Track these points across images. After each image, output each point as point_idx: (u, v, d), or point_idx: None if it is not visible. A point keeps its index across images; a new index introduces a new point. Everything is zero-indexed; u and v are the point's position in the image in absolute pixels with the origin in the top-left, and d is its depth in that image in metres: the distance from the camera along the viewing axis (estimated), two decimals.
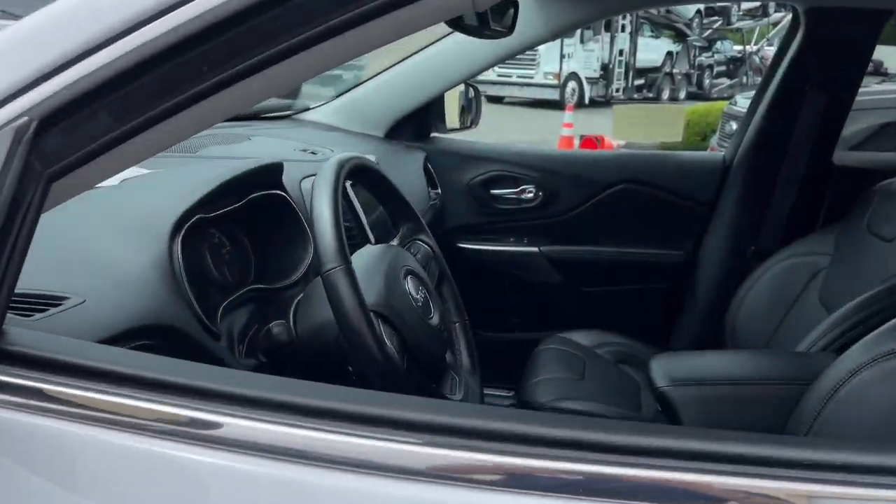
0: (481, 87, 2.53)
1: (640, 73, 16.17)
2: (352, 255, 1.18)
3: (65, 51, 0.65)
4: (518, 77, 14.20)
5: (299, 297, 1.13)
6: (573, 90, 14.58)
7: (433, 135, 2.42)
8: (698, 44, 17.14)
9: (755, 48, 17.46)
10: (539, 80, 14.36)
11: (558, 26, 2.12)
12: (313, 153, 1.80)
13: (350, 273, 0.96)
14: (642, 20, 16.00)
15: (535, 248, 2.38)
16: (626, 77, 15.89)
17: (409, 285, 1.13)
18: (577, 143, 8.32)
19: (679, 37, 17.11)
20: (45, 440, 0.66)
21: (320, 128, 2.27)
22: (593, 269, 2.37)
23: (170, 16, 0.63)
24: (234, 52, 0.63)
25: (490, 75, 14.04)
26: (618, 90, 15.74)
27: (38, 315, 0.82)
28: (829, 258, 1.83)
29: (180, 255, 1.00)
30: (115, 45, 0.64)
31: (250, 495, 0.64)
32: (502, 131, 9.04)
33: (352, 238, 1.56)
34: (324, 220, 0.99)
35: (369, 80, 2.33)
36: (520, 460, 0.61)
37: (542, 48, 13.86)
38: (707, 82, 17.37)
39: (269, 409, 0.64)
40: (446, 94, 2.34)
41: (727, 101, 7.38)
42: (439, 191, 2.31)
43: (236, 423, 0.64)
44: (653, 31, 16.72)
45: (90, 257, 0.96)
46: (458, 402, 1.02)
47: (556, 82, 14.39)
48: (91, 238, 0.99)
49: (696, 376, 1.47)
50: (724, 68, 17.94)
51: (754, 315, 1.91)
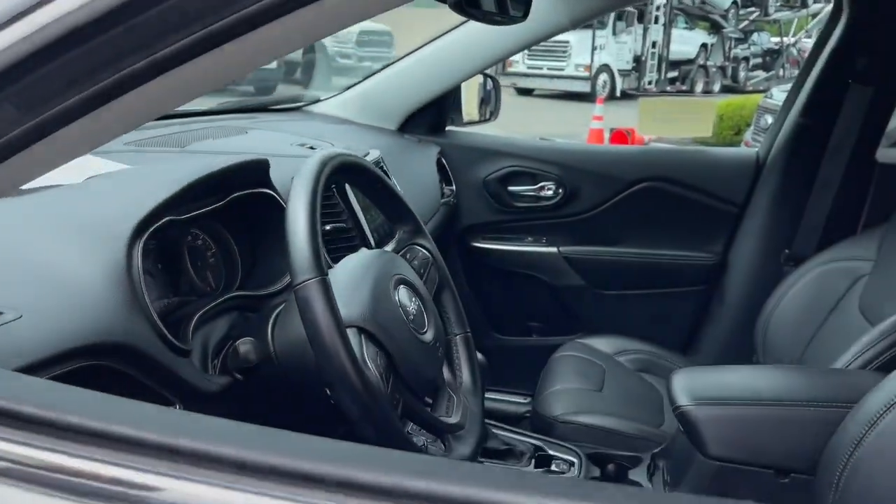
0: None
1: (674, 65, 15.96)
2: (340, 261, 1.08)
3: None
4: (549, 69, 14.15)
5: (280, 309, 1.03)
6: (604, 83, 14.50)
7: (448, 128, 2.34)
8: (734, 35, 16.89)
9: (793, 40, 17.12)
10: (570, 72, 14.30)
11: (578, 14, 2.05)
12: (311, 148, 1.71)
13: (325, 286, 0.86)
14: (676, 11, 15.81)
15: (553, 249, 2.31)
16: (659, 69, 15.71)
17: (401, 296, 1.03)
18: (607, 136, 8.21)
19: (714, 28, 16.88)
20: None
21: (330, 120, 2.23)
22: (615, 272, 2.29)
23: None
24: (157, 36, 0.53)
25: (520, 67, 14.00)
26: (650, 83, 15.57)
27: None
28: (871, 264, 1.73)
29: (140, 262, 0.90)
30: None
31: None
32: (528, 124, 8.92)
33: (350, 242, 1.47)
34: (297, 226, 0.88)
35: (382, 70, 2.27)
36: None
37: (573, 40, 13.79)
38: (742, 75, 17.11)
39: (204, 465, 0.53)
40: (463, 86, 2.30)
41: (763, 94, 7.25)
42: (454, 187, 2.27)
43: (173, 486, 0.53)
44: (687, 23, 16.55)
45: (31, 267, 0.85)
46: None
47: (587, 74, 14.32)
48: (34, 244, 0.88)
49: (721, 395, 1.36)
50: (760, 61, 17.67)
51: (787, 324, 1.81)
